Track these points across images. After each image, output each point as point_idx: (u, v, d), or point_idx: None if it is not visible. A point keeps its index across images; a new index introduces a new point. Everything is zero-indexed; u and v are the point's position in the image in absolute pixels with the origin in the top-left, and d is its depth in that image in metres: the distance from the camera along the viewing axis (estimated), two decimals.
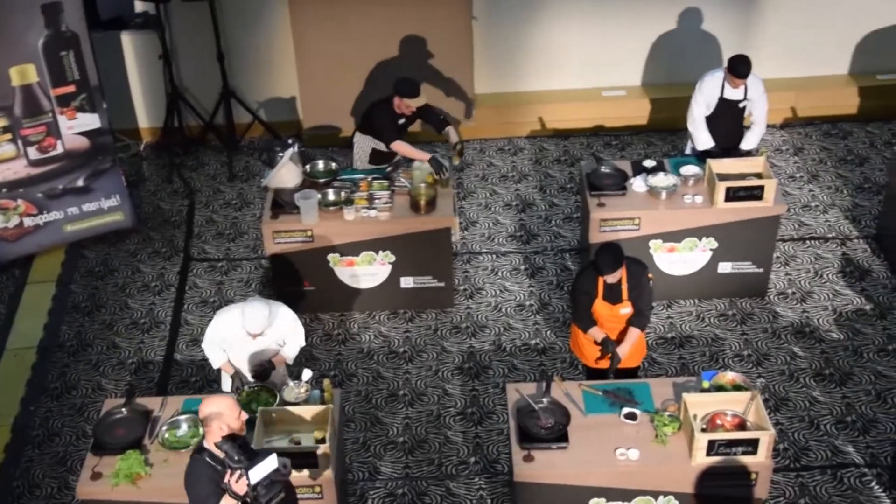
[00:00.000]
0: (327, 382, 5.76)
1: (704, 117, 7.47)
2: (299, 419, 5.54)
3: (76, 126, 7.80)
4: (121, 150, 9.08)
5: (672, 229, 7.15)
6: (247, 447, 4.65)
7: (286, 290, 7.39)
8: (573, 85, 9.48)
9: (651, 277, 6.01)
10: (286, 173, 7.22)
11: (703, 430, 5.36)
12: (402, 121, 7.43)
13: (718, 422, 5.44)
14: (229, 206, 8.79)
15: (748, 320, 7.31)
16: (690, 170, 7.30)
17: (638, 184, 7.24)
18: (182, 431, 5.63)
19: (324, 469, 5.36)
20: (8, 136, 7.61)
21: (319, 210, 7.15)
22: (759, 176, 7.13)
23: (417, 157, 7.32)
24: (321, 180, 7.40)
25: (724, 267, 7.33)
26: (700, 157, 7.45)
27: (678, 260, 7.29)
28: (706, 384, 5.64)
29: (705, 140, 7.49)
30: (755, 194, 6.99)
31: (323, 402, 5.70)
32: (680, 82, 9.15)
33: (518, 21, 9.15)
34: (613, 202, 7.15)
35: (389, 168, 7.54)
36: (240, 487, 4.51)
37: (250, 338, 5.73)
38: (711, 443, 5.29)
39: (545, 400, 5.65)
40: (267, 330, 5.71)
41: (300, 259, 7.26)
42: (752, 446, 5.30)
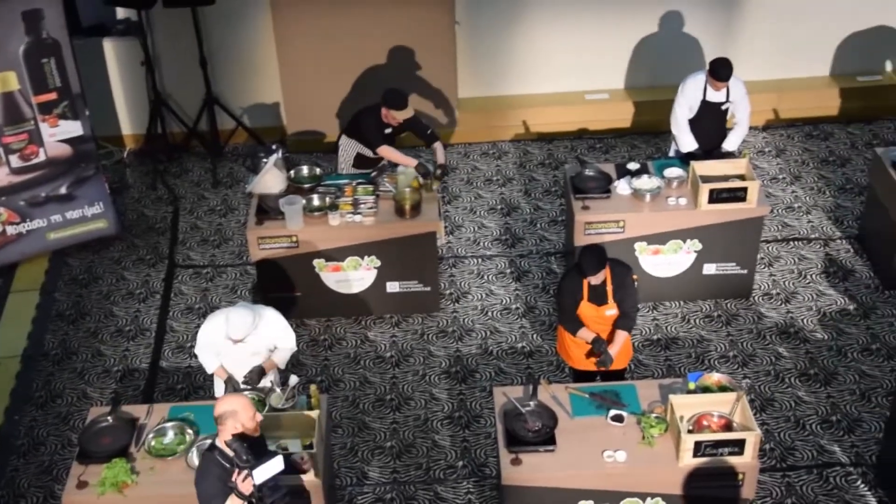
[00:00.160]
0: (314, 388, 5.75)
1: (687, 120, 7.51)
2: (286, 425, 5.53)
3: (58, 133, 7.75)
4: (104, 158, 9.05)
5: (656, 231, 7.18)
6: (257, 447, 4.64)
7: (272, 296, 7.36)
8: (557, 88, 9.51)
9: (636, 279, 6.03)
10: (270, 179, 7.21)
11: (690, 432, 5.38)
12: (389, 130, 7.42)
13: (705, 423, 5.46)
14: (214, 213, 8.76)
15: (733, 321, 7.34)
16: (674, 172, 7.33)
17: (622, 186, 7.27)
18: (168, 439, 5.60)
19: (312, 475, 5.35)
20: None
21: (304, 215, 7.13)
22: (743, 178, 7.17)
23: (404, 163, 7.32)
24: (306, 186, 7.39)
25: (709, 268, 7.36)
26: (683, 160, 7.49)
27: (663, 262, 7.32)
28: (692, 385, 5.66)
29: (688, 142, 7.52)
30: (738, 196, 7.03)
31: (310, 408, 5.69)
32: (663, 85, 9.20)
33: (501, 25, 9.17)
34: (598, 205, 7.17)
35: (374, 173, 7.54)
36: (246, 487, 4.51)
37: (233, 343, 5.70)
38: (698, 444, 5.31)
39: (532, 403, 5.66)
40: (250, 337, 5.69)
41: (286, 265, 7.25)
42: (739, 447, 5.33)
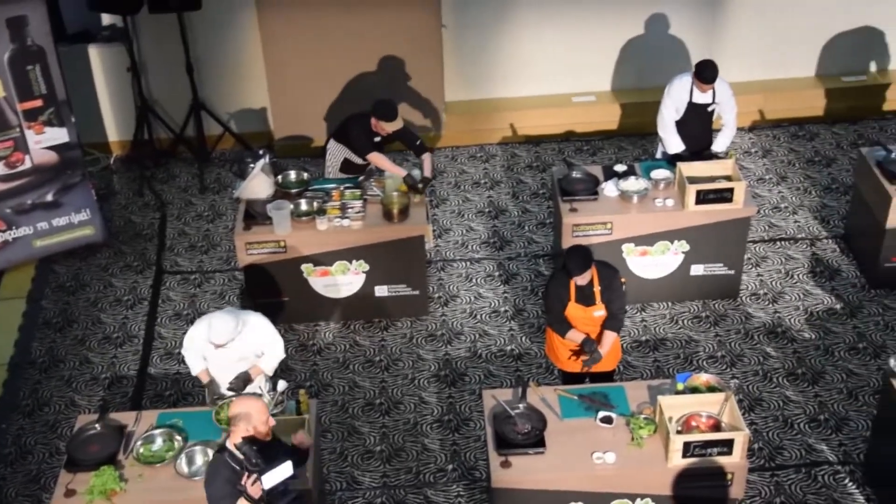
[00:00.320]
0: (303, 393, 5.75)
1: (674, 121, 7.53)
2: (276, 430, 5.50)
3: (44, 140, 7.72)
4: (90, 164, 9.02)
5: (644, 233, 7.20)
6: (268, 451, 4.63)
7: (260, 302, 7.36)
8: (543, 91, 9.53)
9: (624, 281, 6.05)
10: (258, 184, 7.20)
11: (679, 432, 5.40)
12: (379, 139, 7.42)
13: (693, 423, 5.48)
14: (201, 219, 8.74)
15: (721, 322, 7.37)
16: (661, 173, 7.36)
17: (609, 188, 7.29)
18: (157, 446, 5.59)
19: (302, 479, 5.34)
20: None
21: (292, 220, 7.13)
22: (729, 178, 7.20)
23: (393, 171, 7.33)
24: (293, 190, 7.38)
25: (697, 269, 7.38)
26: (670, 161, 7.51)
27: (651, 263, 7.34)
28: (681, 386, 5.68)
29: (675, 144, 7.55)
30: (725, 197, 7.06)
31: (299, 413, 5.68)
32: (649, 87, 9.23)
33: (487, 29, 9.18)
34: (585, 207, 7.19)
35: (362, 177, 7.53)
36: (255, 491, 4.51)
37: (215, 348, 5.68)
38: (687, 444, 5.32)
39: (521, 406, 5.66)
40: (234, 343, 5.66)
41: (274, 270, 7.24)
42: (728, 447, 5.34)
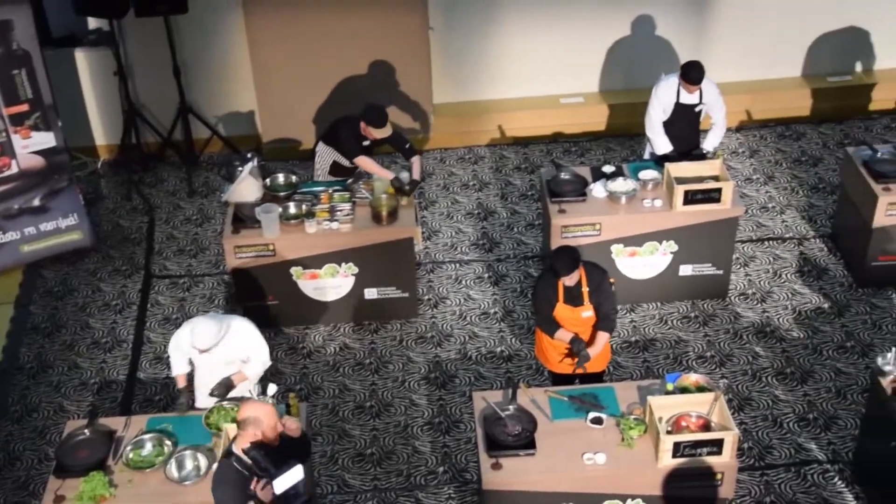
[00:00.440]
0: (293, 396, 5.74)
1: (662, 122, 7.55)
2: None
3: (31, 145, 7.69)
4: (78, 169, 8.99)
5: (633, 233, 7.22)
6: (274, 455, 4.61)
7: (249, 305, 7.35)
8: (532, 93, 9.54)
9: (613, 282, 6.05)
10: (246, 188, 7.19)
11: (669, 433, 5.41)
12: (368, 142, 7.42)
13: (683, 423, 5.49)
14: (190, 222, 8.72)
15: (710, 322, 7.39)
16: (649, 174, 7.38)
17: (598, 189, 7.30)
18: (146, 451, 5.57)
19: None
20: None
21: (281, 223, 7.12)
22: (717, 179, 7.22)
23: (380, 175, 7.32)
24: (282, 194, 7.37)
25: (685, 269, 7.41)
26: (658, 162, 7.53)
27: (640, 264, 7.35)
28: (670, 386, 5.69)
29: (663, 144, 7.57)
30: (713, 197, 7.08)
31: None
32: (637, 88, 9.25)
33: (475, 31, 9.19)
34: (574, 208, 7.20)
35: (350, 180, 7.53)
36: (265, 495, 4.50)
37: (200, 352, 5.66)
38: (677, 444, 5.33)
39: (511, 407, 5.67)
40: (218, 347, 5.63)
41: (263, 273, 7.22)
42: (717, 447, 5.36)
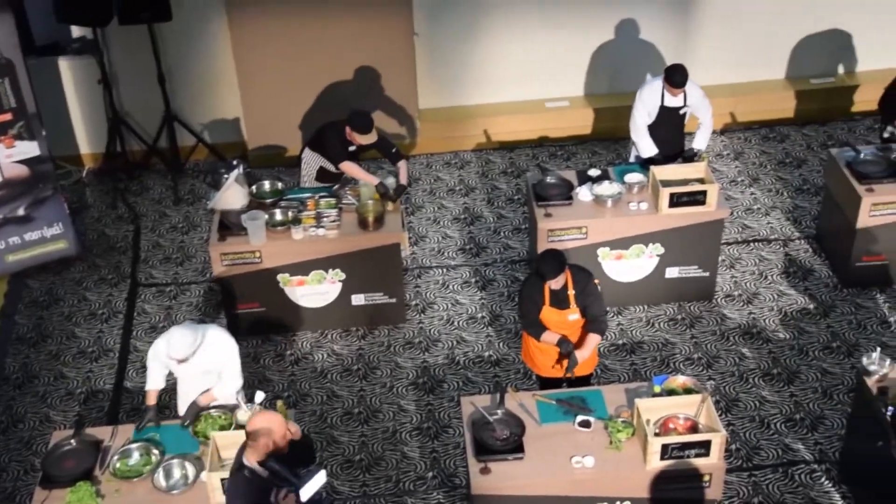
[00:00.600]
0: (281, 404, 5.72)
1: (646, 125, 7.58)
2: None
3: (15, 154, 7.65)
4: (62, 178, 8.94)
5: (619, 237, 7.24)
6: (288, 461, 4.59)
7: (236, 313, 7.33)
8: (517, 97, 9.56)
9: (598, 283, 6.04)
10: (232, 195, 7.18)
11: (657, 435, 5.42)
12: (353, 148, 7.42)
13: (671, 425, 5.51)
14: (176, 230, 8.70)
15: (697, 324, 7.41)
16: (635, 177, 7.40)
17: (584, 193, 7.32)
18: (133, 460, 5.54)
19: None
20: None
21: (267, 230, 7.10)
22: (702, 181, 7.25)
23: (365, 180, 7.32)
24: (268, 200, 7.36)
25: (672, 272, 7.43)
26: (644, 165, 7.56)
27: (626, 267, 7.37)
28: (658, 389, 5.71)
29: (648, 147, 7.60)
30: (698, 199, 7.11)
31: None
32: (622, 91, 9.28)
33: (459, 36, 9.21)
34: (560, 212, 7.22)
35: (336, 186, 7.52)
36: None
37: (177, 363, 5.61)
38: (665, 447, 5.35)
39: (500, 411, 5.67)
40: (194, 357, 5.57)
41: (249, 280, 7.20)
42: (705, 448, 5.38)
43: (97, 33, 8.58)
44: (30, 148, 7.70)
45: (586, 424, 5.62)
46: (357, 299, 7.38)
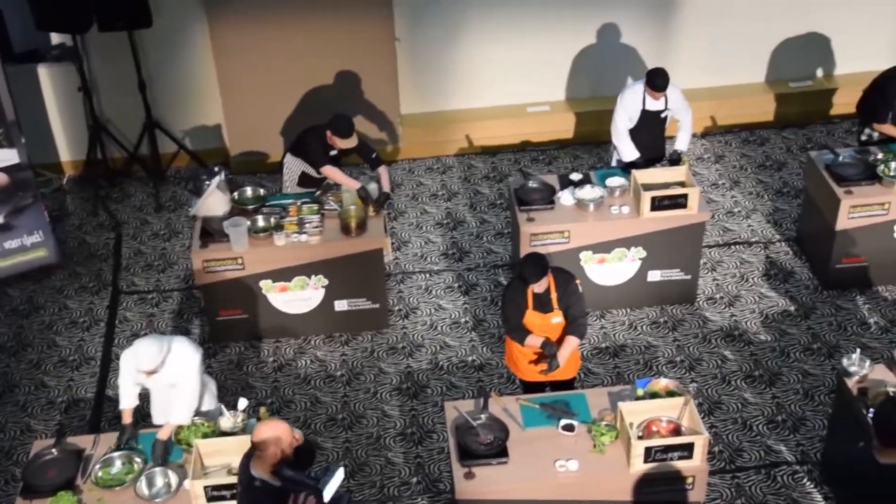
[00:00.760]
0: (264, 410, 5.69)
1: (628, 129, 7.61)
2: (237, 449, 5.46)
3: None
4: (42, 185, 8.89)
5: (601, 240, 7.26)
6: (296, 465, 4.56)
7: (219, 320, 7.31)
8: (498, 102, 9.58)
9: (579, 283, 6.05)
10: (214, 201, 7.15)
11: (640, 438, 5.44)
12: (335, 152, 7.41)
13: (654, 428, 5.52)
14: (157, 237, 8.66)
15: (679, 327, 7.44)
16: (616, 181, 7.43)
17: (566, 197, 7.34)
18: (116, 469, 5.51)
19: None
20: None
21: (249, 237, 7.09)
22: (683, 185, 7.29)
23: (347, 184, 7.32)
24: (250, 207, 7.34)
25: (654, 275, 7.46)
26: (625, 169, 7.59)
27: (608, 270, 7.40)
28: (640, 392, 5.72)
29: (630, 151, 7.63)
30: (680, 203, 7.14)
31: None
32: (603, 95, 9.32)
33: (441, 41, 9.22)
34: (542, 216, 7.23)
35: (319, 192, 7.52)
36: None
37: (146, 375, 5.54)
38: (648, 449, 5.36)
39: (483, 416, 5.67)
40: (162, 368, 5.48)
41: (232, 287, 7.18)
42: (688, 451, 5.40)
43: (77, 40, 8.55)
44: (9, 156, 7.65)
45: (570, 428, 5.63)
46: (340, 305, 7.37)
